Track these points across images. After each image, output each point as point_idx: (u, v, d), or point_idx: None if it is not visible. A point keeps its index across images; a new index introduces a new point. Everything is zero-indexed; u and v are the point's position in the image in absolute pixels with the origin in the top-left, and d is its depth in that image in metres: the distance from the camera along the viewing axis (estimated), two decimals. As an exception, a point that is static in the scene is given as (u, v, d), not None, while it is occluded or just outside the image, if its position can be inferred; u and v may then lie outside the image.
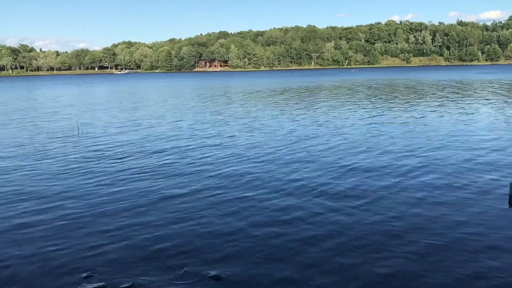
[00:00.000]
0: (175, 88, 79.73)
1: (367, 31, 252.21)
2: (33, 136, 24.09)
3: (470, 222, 9.85)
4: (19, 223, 10.44)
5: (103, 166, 16.12)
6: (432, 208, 10.78)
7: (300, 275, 7.68)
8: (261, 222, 10.14)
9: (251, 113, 33.08)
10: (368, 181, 13.22)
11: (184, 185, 13.28)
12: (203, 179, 13.99)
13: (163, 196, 12.26)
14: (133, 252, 8.70)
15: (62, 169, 15.75)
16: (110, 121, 30.24)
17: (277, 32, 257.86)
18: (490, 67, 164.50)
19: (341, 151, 17.75)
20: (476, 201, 11.25)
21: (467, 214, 10.31)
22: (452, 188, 12.35)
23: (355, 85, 71.16)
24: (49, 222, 10.44)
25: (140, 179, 14.12)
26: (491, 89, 53.45)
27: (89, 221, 10.46)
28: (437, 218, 10.13)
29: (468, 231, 9.32)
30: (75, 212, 11.11)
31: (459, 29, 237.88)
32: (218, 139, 21.54)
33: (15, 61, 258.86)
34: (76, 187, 13.35)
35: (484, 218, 10.07)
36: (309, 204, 11.34)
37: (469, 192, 11.99)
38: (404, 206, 10.96)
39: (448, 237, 9.07)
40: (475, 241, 8.87)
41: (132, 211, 11.12)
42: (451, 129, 22.86)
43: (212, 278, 7.62)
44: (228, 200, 11.83)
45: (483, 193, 11.88)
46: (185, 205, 11.49)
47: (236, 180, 13.75)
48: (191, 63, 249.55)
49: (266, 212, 10.84)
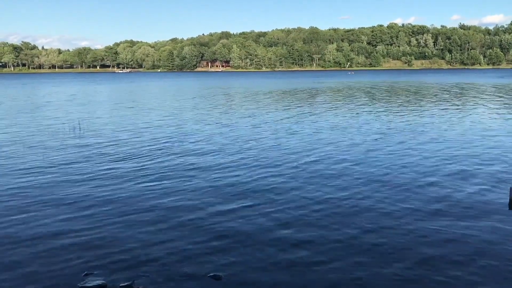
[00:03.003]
0: (187, 88, 79.71)
1: (369, 33, 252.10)
2: (35, 133, 24.14)
3: (472, 226, 9.88)
4: (19, 219, 10.47)
5: (102, 165, 16.15)
6: (432, 213, 10.80)
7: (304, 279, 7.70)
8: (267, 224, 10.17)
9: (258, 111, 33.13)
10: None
11: (187, 185, 13.31)
12: (205, 179, 14.03)
13: (164, 194, 12.29)
14: (133, 251, 8.71)
15: (62, 166, 15.80)
16: (114, 120, 30.26)
17: (279, 33, 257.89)
18: (492, 71, 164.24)
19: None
20: (477, 205, 11.28)
21: (469, 217, 10.34)
22: (453, 191, 12.38)
23: (365, 87, 71.13)
24: (49, 219, 10.47)
25: (142, 179, 14.16)
26: (499, 93, 53.44)
27: (86, 220, 10.48)
28: (437, 221, 10.15)
29: (470, 233, 9.35)
30: (75, 210, 11.14)
31: (461, 33, 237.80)
32: (223, 138, 21.60)
33: (17, 58, 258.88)
34: (76, 185, 13.38)
35: (484, 220, 10.10)
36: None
37: (470, 197, 12.03)
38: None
39: (449, 239, 9.09)
40: (477, 242, 8.89)
41: (131, 210, 11.14)
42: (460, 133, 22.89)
43: (212, 278, 7.64)
44: (229, 201, 11.86)
45: (483, 196, 11.91)
46: (188, 203, 11.51)
47: (240, 184, 13.79)
48: (193, 63, 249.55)
49: (273, 214, 10.87)
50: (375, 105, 38.91)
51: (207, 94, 57.53)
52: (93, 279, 7.59)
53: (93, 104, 45.07)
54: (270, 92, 61.06)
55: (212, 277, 7.65)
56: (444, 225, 9.90)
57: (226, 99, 49.27)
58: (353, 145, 19.58)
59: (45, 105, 43.21)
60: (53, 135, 23.23)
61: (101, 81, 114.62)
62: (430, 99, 45.70)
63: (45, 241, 9.24)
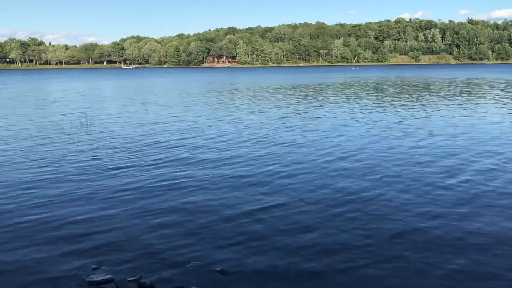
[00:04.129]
0: (196, 83, 79.74)
1: (376, 28, 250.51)
2: (42, 129, 24.27)
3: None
4: (27, 213, 10.53)
5: (109, 159, 16.21)
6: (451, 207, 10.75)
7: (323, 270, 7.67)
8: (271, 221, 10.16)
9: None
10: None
11: (195, 178, 13.32)
12: (212, 172, 14.04)
13: (170, 189, 12.31)
14: (141, 246, 8.74)
15: (70, 160, 15.88)
16: (122, 116, 30.35)
17: (285, 28, 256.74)
18: (501, 66, 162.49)
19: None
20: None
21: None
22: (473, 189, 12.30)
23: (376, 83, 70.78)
24: (58, 212, 10.53)
25: (148, 172, 14.20)
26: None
27: (95, 214, 10.53)
28: (457, 215, 10.10)
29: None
30: (84, 203, 11.19)
31: (469, 28, 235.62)
32: (231, 134, 21.60)
33: (24, 54, 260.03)
34: (82, 179, 13.45)
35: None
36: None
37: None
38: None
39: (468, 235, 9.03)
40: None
41: (140, 206, 11.17)
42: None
43: (218, 272, 7.64)
44: (238, 194, 11.86)
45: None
46: (199, 199, 11.52)
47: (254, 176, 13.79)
48: (199, 59, 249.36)
49: (276, 211, 10.86)
50: (383, 100, 38.73)
51: (216, 89, 57.50)
52: (100, 273, 7.63)
53: (110, 99, 45.22)
54: (281, 87, 60.92)
55: (219, 271, 7.66)
56: (461, 221, 9.83)
57: (238, 95, 49.22)
58: (375, 141, 19.31)
59: (59, 100, 43.42)
60: (73, 129, 23.34)
61: (110, 77, 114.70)
62: (445, 95, 45.38)
63: (53, 234, 9.30)
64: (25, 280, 7.48)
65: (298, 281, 7.37)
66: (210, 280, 7.39)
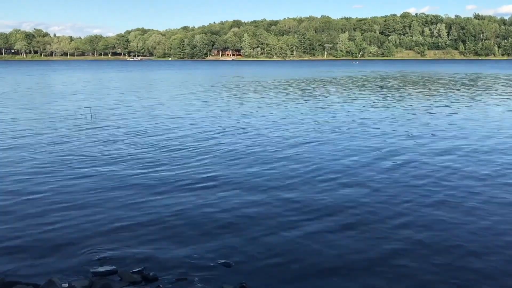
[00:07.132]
0: (204, 77, 79.67)
1: (382, 22, 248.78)
2: (47, 120, 24.36)
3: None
4: (34, 203, 10.60)
5: (113, 151, 16.26)
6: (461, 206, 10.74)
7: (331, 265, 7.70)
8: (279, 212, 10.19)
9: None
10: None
11: (202, 170, 13.36)
12: (216, 164, 14.06)
13: (176, 180, 12.35)
14: (145, 239, 8.78)
15: (73, 152, 15.94)
16: (127, 108, 30.41)
17: (291, 22, 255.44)
18: (508, 62, 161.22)
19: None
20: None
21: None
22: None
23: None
24: (64, 204, 10.59)
25: (153, 166, 14.24)
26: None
27: (102, 205, 10.59)
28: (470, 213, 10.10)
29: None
30: (89, 195, 11.24)
31: (475, 23, 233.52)
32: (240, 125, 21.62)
33: (29, 45, 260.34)
34: (88, 171, 13.50)
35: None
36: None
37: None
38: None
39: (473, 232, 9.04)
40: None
41: (145, 199, 11.21)
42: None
43: (222, 265, 7.68)
44: (247, 187, 11.88)
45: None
46: (201, 191, 11.56)
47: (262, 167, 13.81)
48: (204, 52, 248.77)
49: (287, 204, 10.89)
50: (389, 96, 38.60)
51: (225, 82, 57.46)
52: (104, 264, 7.67)
53: (123, 93, 45.29)
54: (284, 81, 60.84)
55: (222, 264, 7.69)
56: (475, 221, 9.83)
57: (249, 89, 49.19)
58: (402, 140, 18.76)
59: (76, 93, 43.52)
60: (90, 121, 23.43)
61: (119, 69, 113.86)
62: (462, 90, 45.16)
63: (58, 225, 9.36)
64: (30, 271, 7.53)
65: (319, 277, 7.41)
66: (213, 273, 7.43)
